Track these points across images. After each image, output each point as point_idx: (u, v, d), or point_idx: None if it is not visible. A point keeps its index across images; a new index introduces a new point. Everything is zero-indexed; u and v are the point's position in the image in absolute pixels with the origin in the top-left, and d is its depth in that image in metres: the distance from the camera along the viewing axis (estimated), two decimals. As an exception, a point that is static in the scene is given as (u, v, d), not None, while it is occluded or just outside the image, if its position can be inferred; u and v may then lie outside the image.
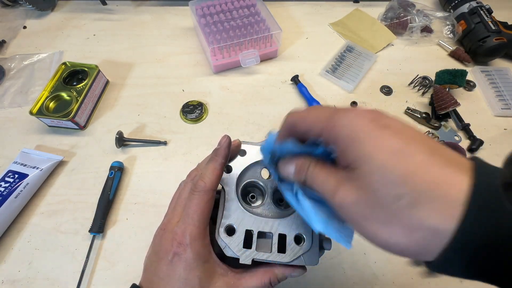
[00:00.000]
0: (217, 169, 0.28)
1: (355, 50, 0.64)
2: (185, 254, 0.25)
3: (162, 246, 0.26)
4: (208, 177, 0.27)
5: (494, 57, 0.63)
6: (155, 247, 0.27)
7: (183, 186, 0.30)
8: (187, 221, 0.26)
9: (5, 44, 0.63)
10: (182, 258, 0.25)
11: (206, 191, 0.27)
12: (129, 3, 0.72)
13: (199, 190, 0.27)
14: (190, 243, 0.25)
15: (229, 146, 0.29)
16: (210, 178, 0.27)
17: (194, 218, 0.26)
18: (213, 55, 0.59)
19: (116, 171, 0.45)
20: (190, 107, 0.54)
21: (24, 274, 0.39)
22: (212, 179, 0.27)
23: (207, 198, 0.27)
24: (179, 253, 0.25)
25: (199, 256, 0.25)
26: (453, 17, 0.68)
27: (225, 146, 0.29)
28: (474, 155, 0.52)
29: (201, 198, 0.26)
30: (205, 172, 0.28)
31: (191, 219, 0.26)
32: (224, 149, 0.29)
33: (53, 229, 0.42)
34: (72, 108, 0.49)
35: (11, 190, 0.42)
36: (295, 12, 0.73)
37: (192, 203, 0.26)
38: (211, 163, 0.28)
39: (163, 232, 0.27)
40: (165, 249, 0.26)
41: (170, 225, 0.27)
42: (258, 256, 0.27)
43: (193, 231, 0.25)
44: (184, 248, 0.25)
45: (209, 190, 0.27)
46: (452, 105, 0.52)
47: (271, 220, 0.29)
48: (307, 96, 0.55)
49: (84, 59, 0.60)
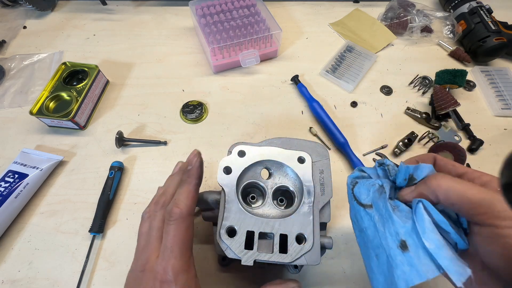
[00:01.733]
0: (192, 191, 0.26)
1: (355, 50, 0.64)
2: None
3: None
4: (183, 202, 0.25)
5: (494, 57, 0.63)
6: None
7: (151, 217, 0.27)
8: (167, 255, 0.23)
9: (5, 44, 0.63)
10: None
11: (184, 218, 0.24)
12: (129, 3, 0.72)
13: (175, 218, 0.24)
14: (174, 279, 0.23)
15: (202, 165, 0.27)
16: (186, 203, 0.25)
17: (175, 250, 0.23)
18: (213, 55, 0.59)
19: (116, 171, 0.45)
20: (190, 107, 0.54)
21: (24, 274, 0.39)
22: (188, 204, 0.25)
23: (186, 225, 0.24)
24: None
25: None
26: (453, 17, 0.68)
27: (197, 166, 0.27)
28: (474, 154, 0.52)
29: (179, 226, 0.24)
30: (179, 197, 0.25)
31: (170, 252, 0.23)
32: (196, 169, 0.27)
33: (53, 229, 0.42)
34: (72, 108, 0.49)
35: (11, 190, 0.42)
36: (295, 12, 0.73)
37: (169, 234, 0.24)
38: (184, 186, 0.26)
39: (142, 274, 0.24)
40: None
41: (149, 263, 0.24)
42: (259, 257, 0.27)
43: (175, 264, 0.23)
44: (169, 285, 0.22)
45: (186, 216, 0.24)
46: (452, 105, 0.52)
47: (272, 221, 0.29)
48: (307, 96, 0.55)
49: (84, 59, 0.60)
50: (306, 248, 0.27)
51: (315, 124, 0.54)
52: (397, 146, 0.51)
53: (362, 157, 0.51)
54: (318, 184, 0.32)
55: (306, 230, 0.28)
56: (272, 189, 0.32)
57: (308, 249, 0.27)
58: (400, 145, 0.50)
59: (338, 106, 0.57)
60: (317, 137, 0.52)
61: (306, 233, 0.28)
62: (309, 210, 0.30)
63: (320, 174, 0.33)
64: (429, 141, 0.52)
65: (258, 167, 0.33)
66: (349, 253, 0.42)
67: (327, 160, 0.34)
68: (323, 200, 0.31)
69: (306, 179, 0.32)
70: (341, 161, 0.50)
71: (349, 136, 0.51)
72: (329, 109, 0.56)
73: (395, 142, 0.52)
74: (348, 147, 0.49)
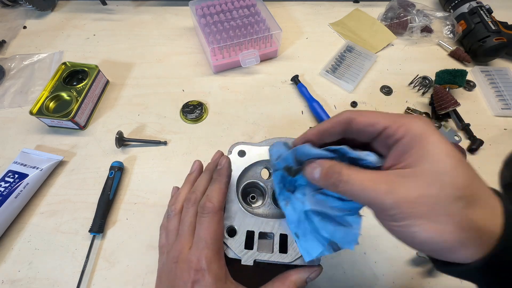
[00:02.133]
0: (223, 188, 0.28)
1: (355, 50, 0.64)
2: (204, 280, 0.24)
3: (178, 279, 0.25)
4: (216, 198, 0.27)
5: (494, 57, 0.63)
6: (170, 282, 0.26)
7: (184, 212, 0.29)
8: (201, 245, 0.25)
9: (5, 44, 0.63)
10: (201, 284, 0.24)
11: (216, 212, 0.27)
12: (129, 3, 0.72)
13: (208, 211, 0.26)
14: (207, 267, 0.24)
15: (230, 164, 0.30)
16: (218, 199, 0.27)
17: (208, 241, 0.25)
18: (213, 55, 0.59)
19: (116, 171, 0.45)
20: (190, 107, 0.54)
21: (24, 274, 0.39)
22: (219, 199, 0.27)
23: (217, 218, 0.27)
24: (198, 280, 0.24)
25: (218, 279, 0.25)
26: (453, 17, 0.68)
27: (227, 166, 0.30)
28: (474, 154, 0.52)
29: (212, 219, 0.26)
30: (212, 194, 0.28)
31: (204, 242, 0.25)
32: (226, 169, 0.30)
33: (53, 229, 0.42)
34: (72, 108, 0.49)
35: (11, 190, 0.42)
36: (295, 12, 0.73)
37: (203, 226, 0.26)
38: (216, 183, 0.29)
39: (175, 264, 0.26)
40: (182, 281, 0.25)
41: (183, 254, 0.26)
42: (259, 257, 0.27)
43: (208, 254, 0.25)
44: (203, 273, 0.24)
45: (218, 210, 0.27)
46: (452, 105, 0.52)
47: (272, 220, 0.29)
48: (307, 96, 0.55)
49: (84, 59, 0.60)
50: None
51: (315, 124, 0.54)
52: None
53: (362, 157, 0.50)
54: None
55: None
56: (272, 189, 0.32)
57: None
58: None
59: (338, 106, 0.57)
60: (317, 137, 0.52)
61: None
62: None
63: None
64: (429, 141, 0.52)
65: (258, 167, 0.33)
66: (349, 253, 0.42)
67: None
68: None
69: None
70: (341, 161, 0.50)
71: (349, 136, 0.51)
72: (329, 109, 0.56)
73: (395, 142, 0.52)
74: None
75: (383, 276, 0.40)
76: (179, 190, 0.32)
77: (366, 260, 0.41)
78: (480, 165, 0.50)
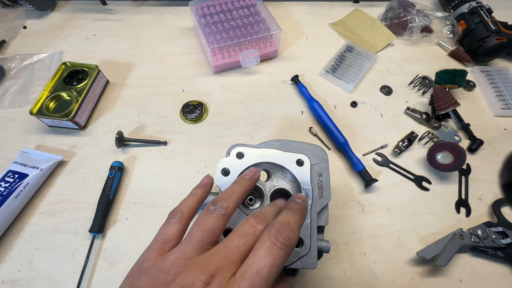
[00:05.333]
0: (302, 225, 0.26)
1: (355, 50, 0.64)
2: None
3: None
4: (295, 236, 0.23)
5: (494, 57, 0.63)
6: None
7: (254, 234, 0.23)
8: (256, 282, 0.21)
9: (5, 44, 0.63)
10: None
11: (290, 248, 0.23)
12: (129, 3, 0.72)
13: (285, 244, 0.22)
14: None
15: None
16: (296, 237, 0.24)
17: (268, 278, 0.21)
18: (213, 55, 0.59)
19: (116, 171, 0.45)
20: (190, 107, 0.54)
21: (24, 274, 0.39)
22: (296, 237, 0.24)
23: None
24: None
25: None
26: (453, 17, 0.68)
27: (306, 207, 0.28)
28: (474, 154, 0.52)
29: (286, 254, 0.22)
30: (294, 229, 0.24)
31: (259, 279, 0.21)
32: (306, 210, 0.28)
33: (53, 229, 0.42)
34: (72, 108, 0.49)
35: (11, 190, 0.42)
36: (295, 12, 0.73)
37: (269, 258, 0.21)
38: (299, 222, 0.25)
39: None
40: None
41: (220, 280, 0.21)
42: None
43: None
44: None
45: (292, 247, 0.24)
46: (452, 105, 0.52)
47: None
48: (307, 96, 0.55)
49: (84, 59, 0.60)
50: (302, 252, 0.27)
51: (315, 124, 0.54)
52: (397, 146, 0.51)
53: (362, 157, 0.51)
54: (317, 187, 0.32)
55: (303, 233, 0.28)
56: (270, 191, 0.32)
57: (305, 253, 0.27)
58: (400, 145, 0.51)
59: (338, 106, 0.57)
60: (317, 137, 0.53)
61: (303, 236, 0.28)
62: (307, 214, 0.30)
63: (318, 177, 0.33)
64: (429, 141, 0.52)
65: (256, 168, 0.33)
66: (349, 253, 0.42)
67: (326, 163, 0.34)
68: (321, 204, 0.31)
69: (304, 182, 0.31)
70: (341, 161, 0.50)
71: (349, 136, 0.51)
72: (329, 109, 0.56)
73: (395, 142, 0.52)
74: (348, 147, 0.49)
75: (383, 276, 0.40)
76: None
77: (366, 260, 0.41)
78: (480, 165, 0.50)
